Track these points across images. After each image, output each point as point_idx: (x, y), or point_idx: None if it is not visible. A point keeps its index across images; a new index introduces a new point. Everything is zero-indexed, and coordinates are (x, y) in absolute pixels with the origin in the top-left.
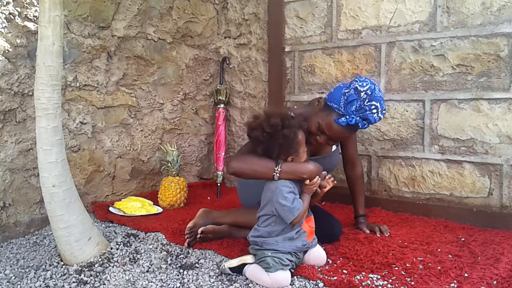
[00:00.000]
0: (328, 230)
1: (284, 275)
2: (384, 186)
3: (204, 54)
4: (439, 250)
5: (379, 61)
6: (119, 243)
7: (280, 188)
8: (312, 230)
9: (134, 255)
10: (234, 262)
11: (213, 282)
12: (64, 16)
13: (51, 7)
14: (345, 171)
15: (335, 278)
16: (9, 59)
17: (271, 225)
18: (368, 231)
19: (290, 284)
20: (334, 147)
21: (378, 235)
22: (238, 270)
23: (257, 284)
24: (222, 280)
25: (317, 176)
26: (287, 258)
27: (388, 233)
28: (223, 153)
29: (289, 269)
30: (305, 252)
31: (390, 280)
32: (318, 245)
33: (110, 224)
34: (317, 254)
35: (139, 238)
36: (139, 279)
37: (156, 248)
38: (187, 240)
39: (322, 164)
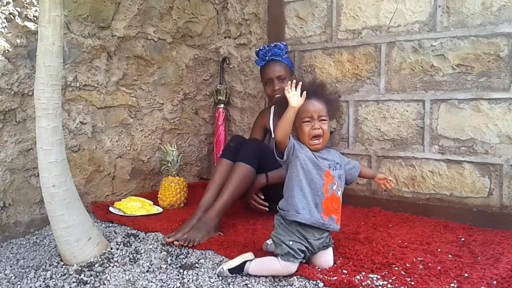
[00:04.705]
0: None
1: (294, 266)
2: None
3: (204, 54)
4: (439, 250)
5: (379, 61)
6: (119, 243)
7: None
8: (333, 212)
9: (134, 255)
10: (234, 262)
11: (213, 282)
12: (64, 16)
13: (51, 7)
14: None
15: (335, 278)
16: (9, 59)
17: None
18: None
19: (290, 284)
20: None
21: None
22: (239, 269)
23: (260, 277)
24: (222, 280)
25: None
26: (301, 252)
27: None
28: None
29: (300, 260)
30: (319, 249)
31: (390, 280)
32: (331, 250)
33: (110, 224)
34: (328, 258)
35: (139, 238)
36: (139, 279)
37: (156, 248)
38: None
39: None
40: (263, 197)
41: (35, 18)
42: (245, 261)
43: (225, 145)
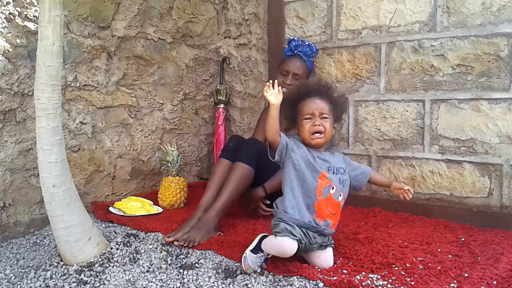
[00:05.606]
0: None
1: (290, 242)
2: None
3: (204, 54)
4: (439, 250)
5: (379, 61)
6: (119, 243)
7: None
8: (328, 216)
9: (134, 255)
10: (253, 243)
11: (213, 282)
12: (64, 16)
13: (51, 7)
14: None
15: (335, 278)
16: (9, 59)
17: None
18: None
19: (290, 284)
20: None
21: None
22: (258, 248)
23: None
24: (222, 279)
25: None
26: (298, 233)
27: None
28: None
29: (298, 242)
30: (317, 244)
31: (390, 280)
32: (331, 250)
33: (110, 224)
34: (328, 258)
35: (139, 238)
36: (139, 279)
37: (156, 248)
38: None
39: None
40: (268, 202)
41: (35, 18)
42: (263, 237)
43: (224, 145)
